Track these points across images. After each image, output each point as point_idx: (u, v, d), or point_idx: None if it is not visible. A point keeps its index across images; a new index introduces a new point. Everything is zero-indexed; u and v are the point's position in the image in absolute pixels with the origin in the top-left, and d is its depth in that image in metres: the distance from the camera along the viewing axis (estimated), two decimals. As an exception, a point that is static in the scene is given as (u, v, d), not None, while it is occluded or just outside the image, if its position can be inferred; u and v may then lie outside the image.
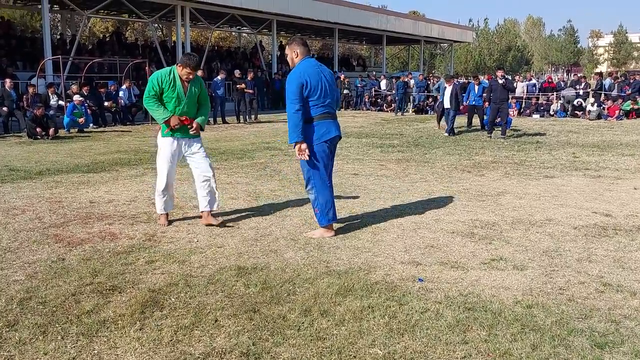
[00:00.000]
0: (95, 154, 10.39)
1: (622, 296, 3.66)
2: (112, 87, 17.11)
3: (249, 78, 18.27)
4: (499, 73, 14.07)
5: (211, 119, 17.47)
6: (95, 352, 2.91)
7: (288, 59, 5.06)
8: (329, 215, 4.99)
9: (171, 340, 3.04)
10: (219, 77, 17.77)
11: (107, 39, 26.97)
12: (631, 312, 3.41)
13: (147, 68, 18.51)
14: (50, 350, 2.90)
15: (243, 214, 5.82)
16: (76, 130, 14.32)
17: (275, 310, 3.43)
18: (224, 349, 2.95)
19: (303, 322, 3.26)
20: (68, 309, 3.42)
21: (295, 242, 4.83)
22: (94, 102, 15.71)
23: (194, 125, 5.29)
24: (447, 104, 14.67)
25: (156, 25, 32.63)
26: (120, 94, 17.20)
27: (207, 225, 5.30)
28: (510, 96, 17.01)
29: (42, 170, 8.36)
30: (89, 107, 15.16)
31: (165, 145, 5.29)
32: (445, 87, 15.14)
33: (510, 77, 18.44)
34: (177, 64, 5.29)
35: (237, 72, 19.27)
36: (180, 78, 5.23)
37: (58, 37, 25.30)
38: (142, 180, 7.64)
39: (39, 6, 19.10)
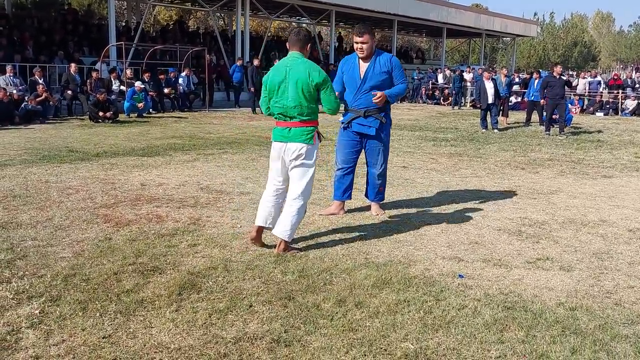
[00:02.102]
0: (151, 138, 10.69)
1: (674, 304, 3.47)
2: (172, 74, 17.51)
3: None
4: (557, 69, 13.59)
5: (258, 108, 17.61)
6: (131, 330, 2.99)
7: (368, 47, 5.16)
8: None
9: (205, 323, 3.09)
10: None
11: (170, 27, 27.62)
12: (683, 321, 3.23)
13: (206, 56, 18.84)
14: (88, 327, 3.00)
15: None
16: (135, 115, 14.75)
17: (310, 298, 3.43)
18: (255, 335, 2.98)
19: (337, 312, 3.25)
20: (109, 287, 3.53)
21: (336, 232, 4.82)
22: (154, 88, 16.12)
23: None
24: (490, 100, 14.07)
25: (218, 14, 33.19)
26: (180, 80, 17.59)
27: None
28: (569, 93, 16.29)
29: (99, 153, 8.67)
30: (148, 93, 15.57)
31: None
32: (484, 82, 14.37)
33: (571, 74, 17.68)
34: None
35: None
36: None
37: (123, 24, 26.12)
38: (193, 166, 7.79)
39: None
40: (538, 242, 4.70)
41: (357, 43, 5.18)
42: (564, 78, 13.64)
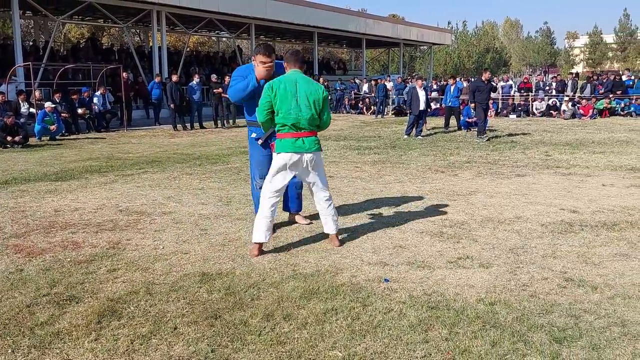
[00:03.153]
0: (65, 161, 10.23)
1: (583, 291, 3.67)
2: (86, 94, 16.88)
3: (226, 82, 18.15)
4: (486, 74, 13.81)
5: (188, 124, 17.35)
6: (47, 363, 2.83)
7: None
8: None
9: (127, 350, 2.97)
10: (194, 82, 17.62)
11: (82, 45, 26.66)
12: (591, 306, 3.42)
13: (122, 74, 18.31)
14: (-1, 363, 2.82)
15: (212, 219, 5.75)
16: (48, 138, 14.10)
17: (237, 315, 3.38)
18: (181, 357, 2.89)
19: (264, 327, 3.21)
20: (21, 321, 3.33)
21: (264, 246, 4.77)
22: (66, 109, 15.48)
23: None
24: (422, 107, 14.40)
25: (133, 30, 32.38)
26: (95, 100, 16.97)
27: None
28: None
29: (8, 180, 8.19)
30: (61, 114, 14.94)
31: None
32: (417, 90, 14.67)
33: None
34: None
35: (214, 77, 19.17)
36: None
37: (31, 43, 24.98)
38: (111, 188, 7.52)
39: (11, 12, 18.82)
40: (459, 241, 4.85)
41: (265, 63, 4.94)
42: (492, 83, 14.04)
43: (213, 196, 6.91)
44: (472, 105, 14.18)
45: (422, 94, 14.33)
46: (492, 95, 22.16)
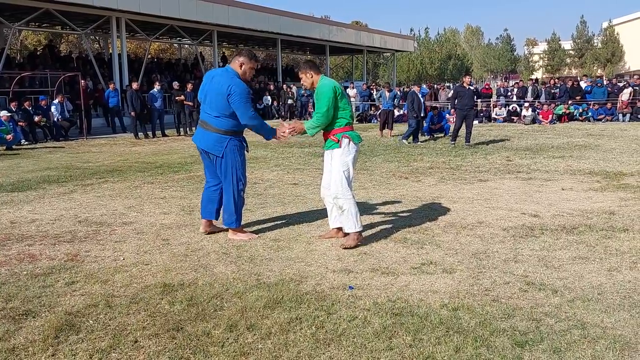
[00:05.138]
0: (22, 171, 9.95)
1: (544, 294, 3.73)
2: (43, 102, 16.46)
3: (188, 89, 17.97)
4: (466, 79, 13.50)
5: (150, 132, 17.10)
6: (0, 382, 2.72)
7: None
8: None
9: (85, 365, 2.88)
10: (155, 89, 17.38)
11: (39, 52, 26.06)
12: (552, 309, 3.47)
13: (81, 82, 17.94)
14: (-51, 384, 2.70)
15: (174, 229, 5.66)
16: (4, 147, 13.70)
17: (200, 327, 3.32)
18: (141, 371, 2.82)
19: (228, 338, 3.16)
20: (-25, 337, 3.20)
21: (226, 256, 4.71)
22: (23, 118, 15.07)
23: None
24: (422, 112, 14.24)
25: (92, 37, 31.80)
26: (52, 108, 16.58)
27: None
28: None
29: (-38, 191, 7.92)
30: (17, 123, 14.53)
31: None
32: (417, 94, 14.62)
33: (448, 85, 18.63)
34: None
35: (175, 84, 18.96)
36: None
37: (-14, 51, 24.28)
38: (70, 198, 7.34)
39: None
40: (422, 247, 4.88)
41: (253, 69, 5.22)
42: (472, 88, 14.00)
43: (175, 205, 6.81)
44: (452, 110, 13.96)
45: (422, 100, 14.32)
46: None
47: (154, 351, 3.02)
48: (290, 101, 25.95)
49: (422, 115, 14.33)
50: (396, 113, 22.69)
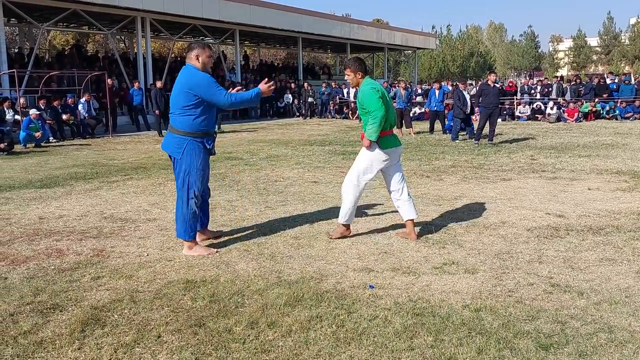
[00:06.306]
0: (50, 168, 10.13)
1: (569, 296, 3.68)
2: (71, 100, 16.75)
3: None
4: (491, 77, 13.30)
5: (165, 131, 17.25)
6: (28, 375, 2.78)
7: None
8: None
9: (110, 359, 2.93)
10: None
11: (67, 52, 26.49)
12: (577, 312, 3.43)
13: (107, 80, 18.20)
14: (-21, 376, 2.77)
15: (197, 225, 5.70)
16: (33, 145, 13.97)
17: (222, 323, 3.35)
18: (164, 366, 2.86)
19: (249, 335, 3.19)
20: (5, 330, 3.28)
21: (248, 253, 4.75)
22: (51, 116, 15.35)
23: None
24: (469, 109, 13.99)
25: (118, 37, 32.22)
26: (79, 107, 16.86)
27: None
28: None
29: (-8, 187, 8.11)
30: (46, 121, 14.80)
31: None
32: (463, 92, 14.38)
33: (473, 83, 18.29)
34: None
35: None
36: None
37: (16, 51, 24.76)
38: (96, 195, 7.45)
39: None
40: (444, 247, 4.86)
41: (211, 57, 4.92)
42: (498, 86, 13.81)
43: (199, 203, 6.86)
44: (476, 109, 13.76)
45: (467, 96, 14.00)
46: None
47: (177, 346, 3.06)
48: (310, 99, 25.97)
49: (468, 111, 14.12)
50: (417, 111, 22.63)
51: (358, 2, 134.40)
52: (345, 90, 26.23)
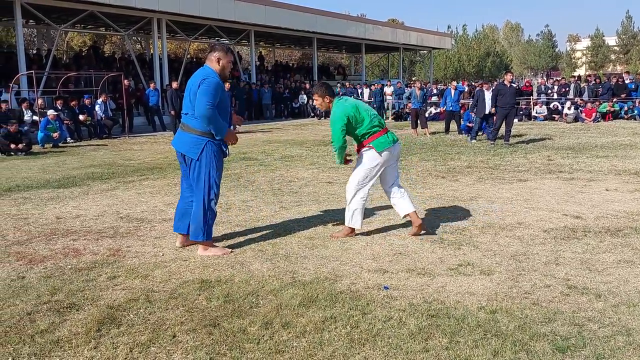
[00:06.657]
0: (67, 168, 10.25)
1: (587, 298, 3.64)
2: (87, 101, 16.93)
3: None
4: (508, 77, 13.19)
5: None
6: (45, 373, 2.81)
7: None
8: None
9: (126, 358, 2.95)
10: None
11: (84, 53, 26.77)
12: (595, 314, 3.39)
13: (124, 81, 18.36)
14: (-3, 373, 2.80)
15: (212, 225, 5.73)
16: (51, 145, 14.14)
17: (236, 323, 3.36)
18: (179, 366, 2.87)
19: (263, 335, 3.19)
20: (22, 328, 3.32)
21: (262, 253, 4.76)
22: (68, 116, 15.52)
23: None
24: (487, 110, 13.86)
25: (134, 38, 32.48)
26: (96, 107, 17.04)
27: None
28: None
29: (11, 187, 8.21)
30: (63, 122, 14.97)
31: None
32: (484, 92, 14.28)
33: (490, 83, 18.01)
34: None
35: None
36: None
37: (34, 52, 25.07)
38: (112, 195, 7.52)
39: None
40: (459, 248, 4.83)
41: (231, 63, 4.94)
42: (514, 86, 13.64)
43: (214, 203, 6.89)
44: (493, 109, 13.67)
45: (488, 97, 13.78)
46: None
47: (192, 346, 3.07)
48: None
49: (486, 112, 13.98)
50: (433, 111, 22.53)
51: (373, 2, 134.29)
52: (359, 91, 26.20)
